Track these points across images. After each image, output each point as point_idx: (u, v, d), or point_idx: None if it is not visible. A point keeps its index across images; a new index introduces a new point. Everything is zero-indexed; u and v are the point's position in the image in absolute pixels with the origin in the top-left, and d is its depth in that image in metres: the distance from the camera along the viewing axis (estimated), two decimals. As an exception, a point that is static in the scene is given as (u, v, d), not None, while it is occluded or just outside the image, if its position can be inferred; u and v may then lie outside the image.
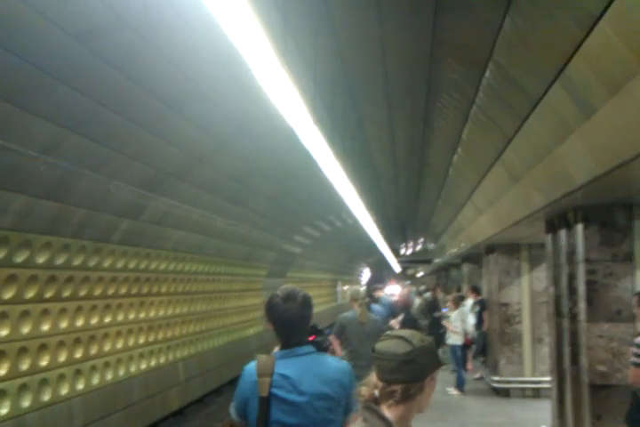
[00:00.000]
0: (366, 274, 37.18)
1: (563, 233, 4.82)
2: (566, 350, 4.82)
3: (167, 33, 4.64)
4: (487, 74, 4.00)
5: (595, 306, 4.53)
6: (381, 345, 1.83)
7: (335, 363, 2.48)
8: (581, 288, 4.60)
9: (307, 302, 2.48)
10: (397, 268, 32.78)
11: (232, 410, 2.45)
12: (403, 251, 28.79)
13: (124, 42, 4.51)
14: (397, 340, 1.78)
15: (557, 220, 4.91)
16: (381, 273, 41.79)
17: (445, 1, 3.56)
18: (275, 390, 2.33)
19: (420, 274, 30.99)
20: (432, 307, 11.28)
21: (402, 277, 37.41)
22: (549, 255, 5.28)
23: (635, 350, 3.88)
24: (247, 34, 3.28)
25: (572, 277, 4.76)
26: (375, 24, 4.49)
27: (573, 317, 4.75)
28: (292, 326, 2.44)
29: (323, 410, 2.33)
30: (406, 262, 26.29)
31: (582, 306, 4.59)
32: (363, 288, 7.11)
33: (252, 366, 2.42)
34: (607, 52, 2.74)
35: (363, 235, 15.89)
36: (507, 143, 4.64)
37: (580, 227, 4.55)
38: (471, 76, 4.31)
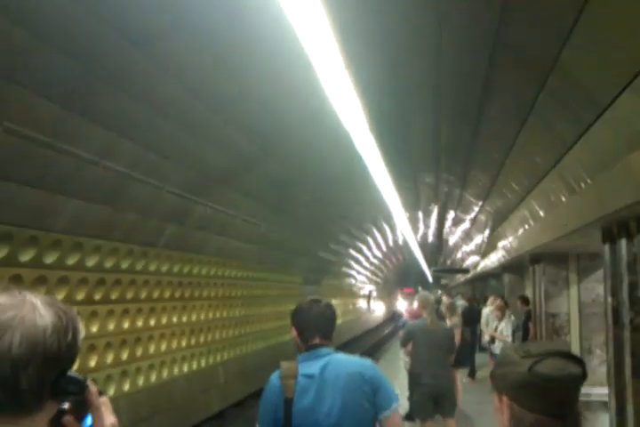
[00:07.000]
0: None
1: (623, 242, 4.71)
2: (627, 361, 4.71)
3: (219, 37, 4.65)
4: (550, 78, 3.93)
5: (660, 317, 4.42)
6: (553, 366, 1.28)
7: (357, 359, 2.54)
8: (645, 299, 4.50)
9: (330, 306, 2.60)
10: (429, 277, 32.40)
11: None
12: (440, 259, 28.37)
13: (179, 48, 4.55)
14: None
15: (617, 229, 4.80)
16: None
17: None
18: (300, 390, 2.33)
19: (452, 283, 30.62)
20: None
21: (433, 286, 36.81)
22: (607, 265, 5.16)
23: None
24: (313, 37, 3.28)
25: (633, 288, 4.65)
26: (434, 30, 4.44)
27: (635, 328, 4.64)
28: (316, 324, 2.50)
29: (350, 405, 2.31)
30: (441, 272, 25.91)
31: (646, 317, 4.49)
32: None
33: (275, 374, 2.46)
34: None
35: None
36: (565, 151, 4.56)
37: (643, 236, 4.45)
38: (531, 80, 4.24)
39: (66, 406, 0.98)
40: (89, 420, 1.02)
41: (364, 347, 20.32)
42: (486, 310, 11.10)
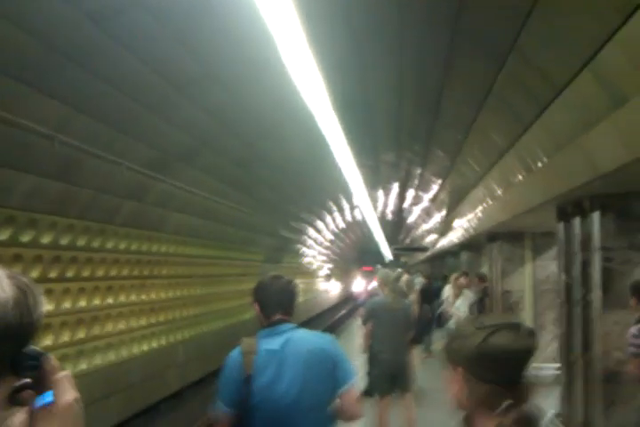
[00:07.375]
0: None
1: (577, 221, 4.84)
2: (578, 337, 4.87)
3: (182, 14, 4.56)
4: (508, 61, 3.96)
5: (611, 294, 4.57)
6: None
7: (318, 334, 2.58)
8: (597, 276, 4.64)
9: (291, 282, 2.60)
10: (389, 255, 32.69)
11: (219, 404, 2.38)
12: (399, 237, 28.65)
13: (138, 24, 4.42)
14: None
15: (571, 208, 4.92)
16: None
17: None
18: (260, 366, 2.33)
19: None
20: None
21: (392, 264, 37.07)
22: (561, 243, 5.30)
23: (632, 340, 3.91)
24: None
25: (585, 265, 4.79)
26: (395, 14, 4.42)
27: (587, 304, 4.79)
28: (278, 300, 2.50)
29: (310, 380, 2.33)
30: (400, 250, 26.16)
31: (597, 294, 4.63)
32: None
33: (236, 350, 2.44)
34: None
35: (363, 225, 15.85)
36: (523, 131, 4.62)
37: (596, 215, 4.57)
38: (490, 63, 4.27)
39: (26, 381, 0.96)
40: (50, 396, 1.00)
41: (323, 325, 20.49)
42: (448, 288, 10.96)
